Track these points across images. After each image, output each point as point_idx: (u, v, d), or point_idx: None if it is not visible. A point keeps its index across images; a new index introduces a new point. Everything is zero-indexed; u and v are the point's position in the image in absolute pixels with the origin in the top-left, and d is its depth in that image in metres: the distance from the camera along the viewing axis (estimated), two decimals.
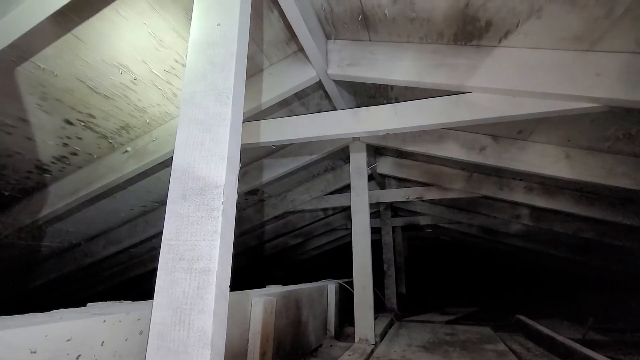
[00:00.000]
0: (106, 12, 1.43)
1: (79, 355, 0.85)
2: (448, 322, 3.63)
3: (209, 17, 0.91)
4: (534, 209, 3.53)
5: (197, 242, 0.73)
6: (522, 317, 3.20)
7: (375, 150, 3.40)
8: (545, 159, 2.21)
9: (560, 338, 2.35)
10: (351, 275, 2.63)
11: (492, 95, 1.67)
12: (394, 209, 5.29)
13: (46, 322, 0.80)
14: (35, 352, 0.75)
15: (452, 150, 2.47)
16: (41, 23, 1.24)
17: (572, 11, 1.28)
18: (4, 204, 2.37)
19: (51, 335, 0.79)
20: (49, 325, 0.79)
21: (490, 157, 2.36)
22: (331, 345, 2.45)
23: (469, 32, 1.56)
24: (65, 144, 2.08)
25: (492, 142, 2.38)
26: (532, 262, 5.93)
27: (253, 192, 3.66)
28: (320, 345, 2.43)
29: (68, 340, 0.82)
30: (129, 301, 1.25)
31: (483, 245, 5.76)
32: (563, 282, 5.93)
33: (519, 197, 3.02)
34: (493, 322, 3.53)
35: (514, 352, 2.34)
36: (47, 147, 2.05)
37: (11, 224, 2.40)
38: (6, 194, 2.29)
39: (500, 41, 1.55)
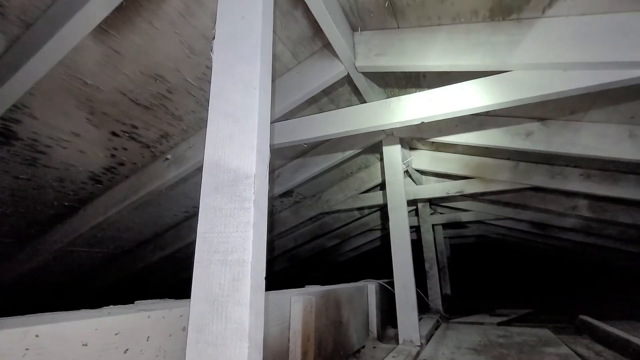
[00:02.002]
0: (140, 24, 1.51)
1: (127, 349, 0.87)
2: (500, 324, 3.38)
3: (233, 11, 0.91)
4: (593, 198, 3.20)
5: (230, 234, 0.73)
6: (587, 318, 2.89)
7: (410, 145, 3.28)
8: (604, 140, 1.98)
9: (637, 340, 2.08)
10: (392, 276, 2.54)
11: (538, 71, 1.52)
12: (434, 205, 5.07)
13: (95, 316, 0.83)
14: (86, 345, 0.78)
15: (494, 138, 2.30)
16: (84, 40, 1.34)
17: None
18: (65, 215, 2.59)
19: (100, 328, 0.82)
20: (99, 319, 0.82)
21: (539, 143, 2.16)
22: (374, 347, 2.37)
23: (507, 6, 1.44)
24: (113, 155, 2.22)
25: (540, 126, 2.18)
26: (594, 258, 5.38)
27: (287, 193, 3.69)
28: (363, 347, 2.37)
29: (116, 334, 0.85)
30: (173, 299, 1.28)
31: (535, 242, 5.33)
32: (635, 279, 5.30)
33: (575, 185, 2.75)
34: (552, 325, 3.23)
35: (580, 356, 2.11)
36: (97, 158, 2.21)
37: (71, 232, 2.61)
38: (66, 204, 2.50)
39: (544, 11, 1.41)
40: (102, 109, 1.88)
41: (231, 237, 0.72)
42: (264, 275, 0.73)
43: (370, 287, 2.74)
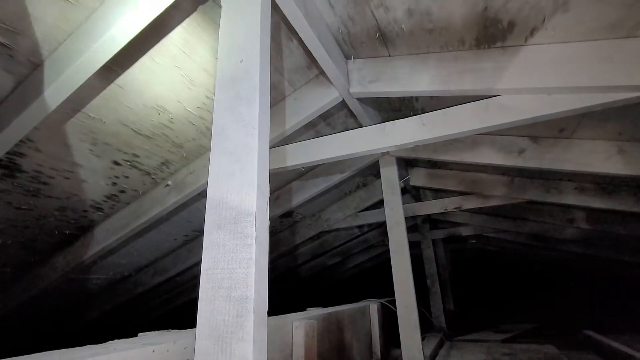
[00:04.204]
0: (143, 60, 1.58)
1: None
2: (504, 341, 3.34)
3: (232, 55, 0.97)
4: (589, 210, 3.23)
5: (233, 270, 0.75)
6: (591, 333, 2.87)
7: (407, 163, 3.33)
8: (594, 156, 2.03)
9: None
10: (394, 294, 2.53)
11: (525, 95, 1.59)
12: (433, 221, 5.08)
13: (102, 353, 0.85)
14: None
15: (487, 156, 2.36)
16: (90, 77, 1.40)
17: (601, 0, 1.21)
18: (66, 242, 2.60)
19: None
20: (105, 357, 0.84)
21: (531, 160, 2.22)
22: None
23: (492, 35, 1.52)
24: (115, 183, 2.26)
25: (532, 144, 2.24)
26: (597, 270, 5.36)
27: (287, 214, 3.71)
28: None
29: None
30: (176, 330, 1.29)
31: (536, 254, 5.32)
32: (637, 289, 5.27)
33: (570, 199, 2.79)
34: (556, 340, 3.19)
35: None
36: (99, 187, 2.24)
37: (72, 260, 2.62)
38: (67, 232, 2.52)
39: (526, 40, 1.49)
40: (104, 139, 1.93)
41: (234, 273, 0.75)
42: (266, 310, 0.76)
43: (372, 307, 2.73)
